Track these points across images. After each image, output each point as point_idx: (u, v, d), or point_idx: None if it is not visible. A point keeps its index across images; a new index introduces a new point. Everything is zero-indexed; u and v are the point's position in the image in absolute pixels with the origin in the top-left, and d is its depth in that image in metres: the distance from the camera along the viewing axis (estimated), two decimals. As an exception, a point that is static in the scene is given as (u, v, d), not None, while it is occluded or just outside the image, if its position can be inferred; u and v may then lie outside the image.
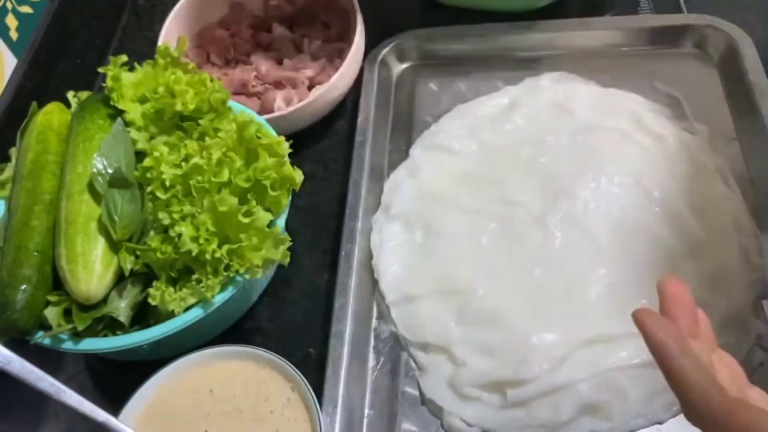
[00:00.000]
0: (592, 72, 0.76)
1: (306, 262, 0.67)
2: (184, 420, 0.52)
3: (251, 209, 0.53)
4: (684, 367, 0.33)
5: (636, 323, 0.36)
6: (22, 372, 0.45)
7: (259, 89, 0.76)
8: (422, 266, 0.64)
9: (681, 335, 0.35)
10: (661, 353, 0.34)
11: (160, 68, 0.61)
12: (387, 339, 0.62)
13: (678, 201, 0.63)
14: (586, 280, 0.60)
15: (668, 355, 0.34)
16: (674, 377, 0.34)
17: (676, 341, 0.34)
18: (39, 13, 0.80)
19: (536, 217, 0.64)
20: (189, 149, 0.55)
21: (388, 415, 0.58)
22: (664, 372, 0.35)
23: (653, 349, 0.35)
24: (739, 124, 0.69)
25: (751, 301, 0.58)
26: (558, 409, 0.54)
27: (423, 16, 0.83)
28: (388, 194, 0.69)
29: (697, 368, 0.34)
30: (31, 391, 0.45)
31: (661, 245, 0.61)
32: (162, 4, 0.95)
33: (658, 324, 0.35)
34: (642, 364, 0.55)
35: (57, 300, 0.52)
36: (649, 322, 0.35)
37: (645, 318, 0.35)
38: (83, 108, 0.60)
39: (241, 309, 0.63)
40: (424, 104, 0.77)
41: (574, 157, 0.68)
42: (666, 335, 0.34)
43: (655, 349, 0.35)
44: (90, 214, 0.54)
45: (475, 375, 0.56)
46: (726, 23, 0.74)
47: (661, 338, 0.34)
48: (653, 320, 0.35)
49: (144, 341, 0.52)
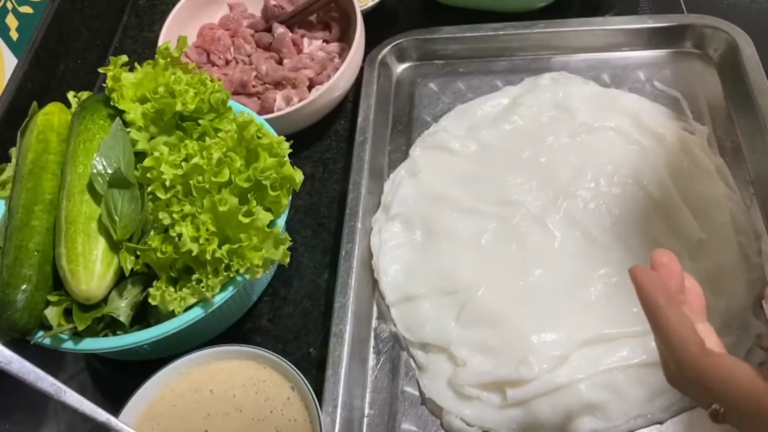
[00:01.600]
0: (592, 72, 0.76)
1: (306, 262, 0.68)
2: (184, 420, 0.52)
3: (251, 209, 0.53)
4: (669, 317, 0.37)
5: (631, 277, 0.39)
6: (22, 372, 0.45)
7: (259, 89, 0.76)
8: (422, 266, 0.64)
9: (670, 291, 0.38)
10: (650, 304, 0.38)
11: (161, 68, 0.61)
12: (387, 339, 0.62)
13: (678, 201, 0.63)
14: (586, 280, 0.60)
15: (657, 305, 0.37)
16: (659, 326, 0.37)
17: (664, 294, 0.38)
18: (39, 13, 0.80)
19: (536, 217, 0.64)
20: (189, 149, 0.55)
21: (388, 415, 0.58)
22: (650, 321, 0.38)
23: (643, 300, 0.38)
24: (739, 124, 0.69)
25: (750, 301, 0.58)
26: (558, 409, 0.54)
27: (423, 16, 0.83)
28: (388, 194, 0.69)
29: (680, 318, 0.37)
30: (31, 391, 0.45)
31: (660, 245, 0.61)
32: (162, 4, 0.95)
33: (650, 279, 0.38)
34: (642, 364, 0.55)
35: (57, 300, 0.53)
36: (642, 276, 0.38)
37: (639, 272, 0.39)
38: (83, 108, 0.60)
39: (241, 309, 0.63)
40: (424, 104, 0.77)
41: (574, 157, 0.68)
42: (656, 288, 0.38)
43: (645, 299, 0.38)
44: (90, 214, 0.54)
45: (475, 375, 0.56)
46: (726, 23, 0.74)
47: (652, 290, 0.38)
48: (647, 275, 0.38)
49: (144, 341, 0.52)
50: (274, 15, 0.82)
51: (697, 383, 0.36)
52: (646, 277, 0.38)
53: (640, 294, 0.38)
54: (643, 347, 0.55)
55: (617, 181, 0.65)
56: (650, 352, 0.55)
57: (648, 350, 0.55)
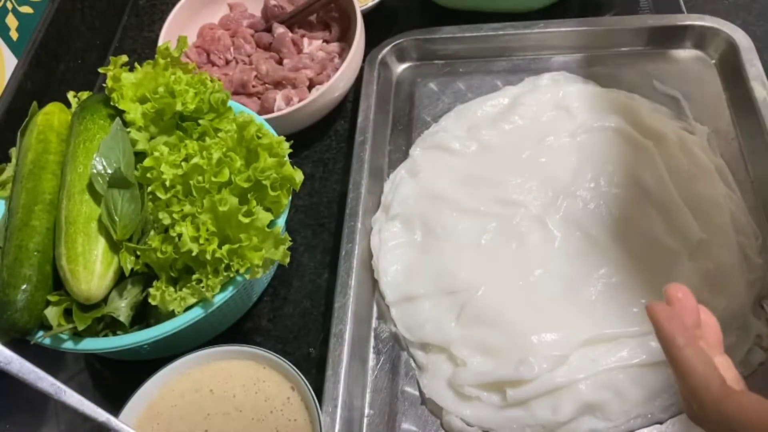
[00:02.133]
0: (592, 72, 0.76)
1: (306, 262, 0.68)
2: (184, 420, 0.52)
3: (251, 209, 0.53)
4: (688, 356, 0.37)
5: (648, 314, 0.39)
6: (22, 372, 0.45)
7: (259, 89, 0.76)
8: (422, 266, 0.64)
9: (687, 328, 0.39)
10: (668, 342, 0.38)
11: (161, 68, 0.61)
12: (387, 339, 0.62)
13: (678, 201, 0.63)
14: (586, 280, 0.60)
15: (675, 344, 0.38)
16: (678, 364, 0.38)
17: (682, 333, 0.38)
18: (39, 13, 0.80)
19: (536, 217, 0.64)
20: (189, 149, 0.55)
21: (388, 415, 0.58)
22: (670, 360, 0.38)
23: (662, 339, 0.38)
24: (739, 124, 0.69)
25: (750, 301, 0.58)
26: (558, 409, 0.54)
27: (423, 16, 0.83)
28: (388, 194, 0.69)
29: (699, 356, 0.37)
30: (31, 391, 0.45)
31: (660, 245, 0.61)
32: (162, 4, 0.95)
33: (668, 316, 0.38)
34: (642, 364, 0.55)
35: (57, 300, 0.53)
36: (660, 315, 0.39)
37: (657, 310, 0.39)
38: (84, 108, 0.60)
39: (241, 309, 0.63)
40: (424, 104, 0.77)
41: (574, 157, 0.68)
42: (674, 326, 0.38)
43: (664, 338, 0.38)
44: (91, 214, 0.54)
45: (474, 375, 0.56)
46: (726, 23, 0.74)
47: (670, 330, 0.38)
48: (664, 313, 0.39)
49: (144, 341, 0.52)
50: (274, 15, 0.82)
51: (721, 424, 0.36)
52: (664, 315, 0.38)
53: (659, 333, 0.39)
54: (643, 347, 0.55)
55: (617, 181, 0.65)
56: (650, 352, 0.55)
57: (648, 350, 0.55)
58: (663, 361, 0.54)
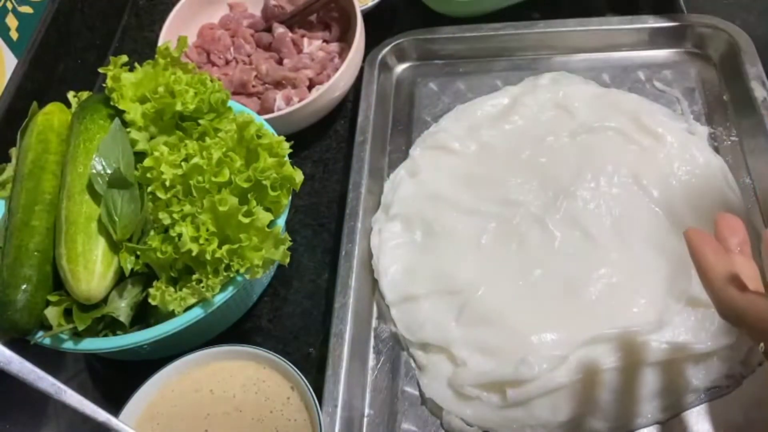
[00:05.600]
0: (592, 72, 0.76)
1: (306, 262, 0.68)
2: (184, 420, 0.52)
3: (251, 209, 0.53)
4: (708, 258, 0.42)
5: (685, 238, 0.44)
6: (22, 372, 0.45)
7: (259, 89, 0.76)
8: (422, 266, 0.64)
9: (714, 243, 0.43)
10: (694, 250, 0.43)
11: (160, 68, 0.61)
12: (387, 339, 0.62)
13: (678, 201, 0.63)
14: (586, 280, 0.60)
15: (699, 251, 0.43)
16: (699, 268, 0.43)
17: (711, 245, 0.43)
18: (39, 13, 0.80)
19: (536, 217, 0.64)
20: (189, 149, 0.55)
21: (388, 415, 0.58)
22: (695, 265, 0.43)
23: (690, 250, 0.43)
24: (739, 124, 0.69)
25: (750, 301, 0.58)
26: (558, 409, 0.54)
27: (423, 16, 0.83)
28: (388, 194, 0.69)
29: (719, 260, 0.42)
30: (31, 391, 0.45)
31: (660, 245, 0.61)
32: (162, 4, 0.95)
33: (700, 237, 0.43)
34: (642, 364, 0.55)
35: (57, 300, 0.53)
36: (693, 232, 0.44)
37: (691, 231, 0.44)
38: (84, 108, 0.60)
39: (241, 309, 0.63)
40: (424, 104, 0.77)
41: (574, 157, 0.68)
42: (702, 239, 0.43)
43: (691, 248, 0.43)
44: (91, 214, 0.54)
45: (474, 375, 0.56)
46: (726, 23, 0.74)
47: (698, 240, 0.43)
48: (697, 234, 0.44)
49: (144, 341, 0.53)
50: (274, 15, 0.82)
51: (738, 321, 0.40)
52: (696, 232, 0.44)
53: (689, 244, 0.43)
54: (643, 347, 0.55)
55: (617, 181, 0.65)
56: (650, 352, 0.55)
57: (648, 350, 0.55)
58: (663, 361, 0.55)
